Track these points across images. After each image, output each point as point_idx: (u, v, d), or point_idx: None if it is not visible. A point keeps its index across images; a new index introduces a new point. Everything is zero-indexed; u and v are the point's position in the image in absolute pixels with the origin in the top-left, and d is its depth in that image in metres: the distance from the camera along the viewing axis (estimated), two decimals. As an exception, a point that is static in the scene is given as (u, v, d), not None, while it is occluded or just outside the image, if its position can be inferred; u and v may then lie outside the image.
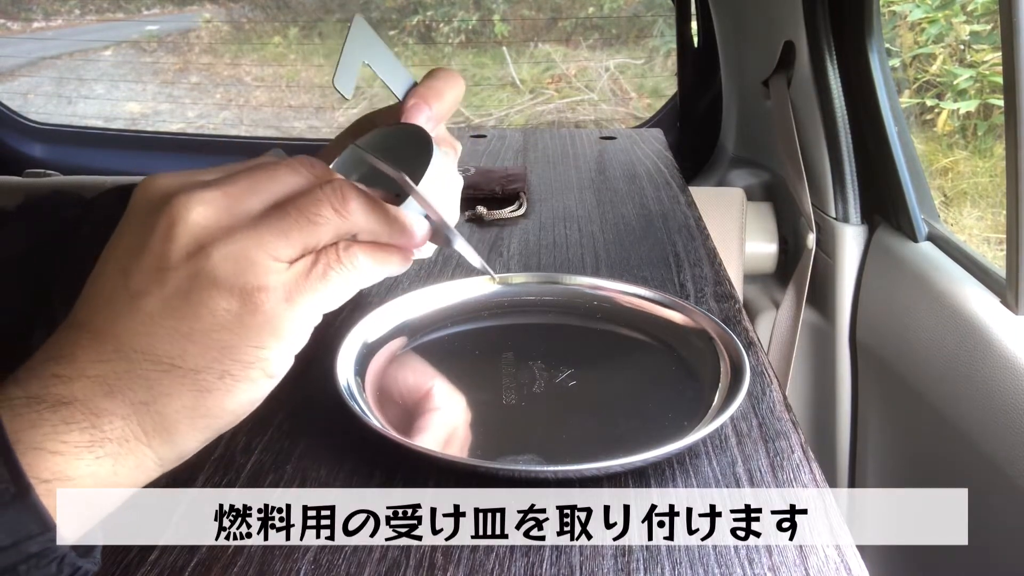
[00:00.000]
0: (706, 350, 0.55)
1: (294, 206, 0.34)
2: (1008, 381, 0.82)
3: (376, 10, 3.79)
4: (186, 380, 0.32)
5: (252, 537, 0.40)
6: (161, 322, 0.32)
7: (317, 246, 0.34)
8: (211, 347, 0.32)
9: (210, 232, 0.32)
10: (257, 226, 0.33)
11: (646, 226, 0.84)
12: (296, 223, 0.33)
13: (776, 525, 0.40)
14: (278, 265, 0.33)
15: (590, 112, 3.48)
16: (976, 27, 2.17)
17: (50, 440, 0.30)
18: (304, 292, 0.33)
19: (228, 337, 0.32)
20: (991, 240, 1.96)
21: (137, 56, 4.09)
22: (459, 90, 0.45)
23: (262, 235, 0.33)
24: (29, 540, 0.29)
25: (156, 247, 0.32)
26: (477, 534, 0.40)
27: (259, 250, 0.32)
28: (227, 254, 0.32)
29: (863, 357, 1.20)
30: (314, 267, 0.34)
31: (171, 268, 0.32)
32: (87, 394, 0.31)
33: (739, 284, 1.41)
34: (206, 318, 0.32)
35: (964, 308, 0.92)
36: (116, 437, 0.31)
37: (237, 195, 0.33)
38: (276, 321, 0.33)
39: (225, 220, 0.33)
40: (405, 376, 0.53)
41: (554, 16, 3.73)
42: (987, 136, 2.14)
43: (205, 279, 0.32)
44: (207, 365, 0.32)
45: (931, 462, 1.01)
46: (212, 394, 0.32)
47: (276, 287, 0.32)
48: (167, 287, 0.32)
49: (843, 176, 1.22)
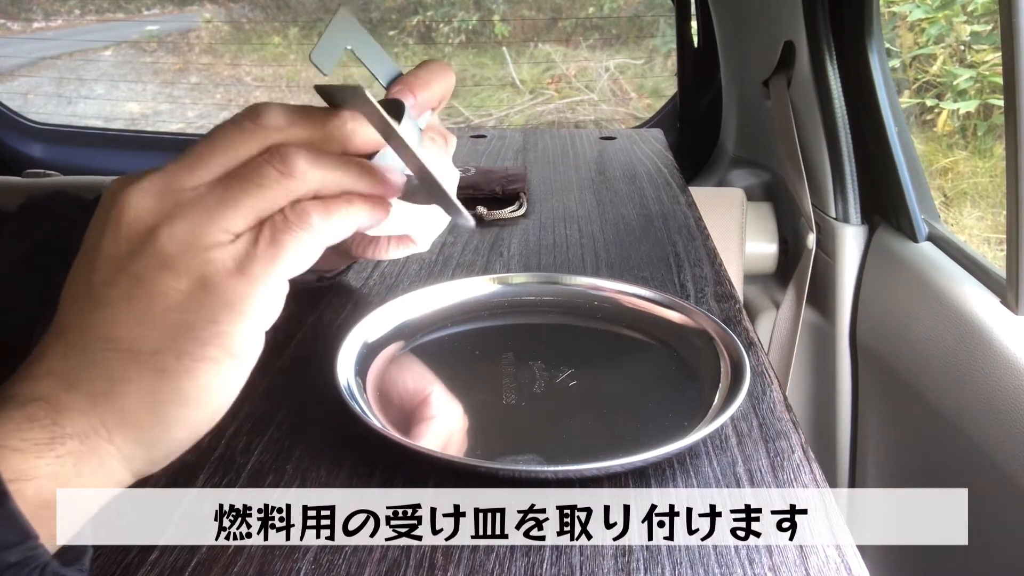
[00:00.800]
0: (706, 350, 0.55)
1: (237, 175, 0.32)
2: (1008, 381, 0.82)
3: (376, 10, 3.79)
4: (144, 364, 0.31)
5: (252, 537, 0.40)
6: (117, 308, 0.31)
7: (271, 212, 0.33)
8: (167, 327, 0.31)
9: (155, 215, 0.32)
10: (200, 200, 0.32)
11: (646, 226, 0.84)
12: (242, 191, 0.32)
13: (776, 525, 0.40)
14: (226, 237, 0.32)
15: (590, 112, 3.48)
16: (976, 27, 2.17)
17: (11, 438, 0.29)
18: (256, 261, 0.32)
19: (183, 316, 0.31)
20: (991, 240, 1.96)
21: (137, 56, 4.09)
22: (448, 81, 0.43)
23: (207, 208, 0.32)
24: (8, 549, 0.28)
25: (107, 240, 0.32)
26: (477, 534, 0.40)
27: (204, 224, 0.31)
28: (172, 233, 0.31)
29: (863, 357, 1.20)
30: (261, 233, 0.32)
31: (122, 258, 0.32)
32: (50, 390, 0.31)
33: (739, 284, 1.41)
34: (159, 299, 0.31)
35: (964, 308, 0.92)
36: (76, 433, 0.31)
37: (180, 173, 0.32)
38: (230, 295, 0.31)
39: (168, 200, 0.32)
40: (405, 376, 0.53)
41: (554, 16, 3.73)
42: (987, 136, 2.14)
43: (154, 261, 0.31)
44: (164, 346, 0.31)
45: (931, 462, 1.01)
46: (171, 375, 0.31)
47: (225, 259, 0.31)
48: (121, 275, 0.31)
49: (843, 176, 1.22)
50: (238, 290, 0.31)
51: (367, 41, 0.43)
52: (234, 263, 0.32)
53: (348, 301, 0.65)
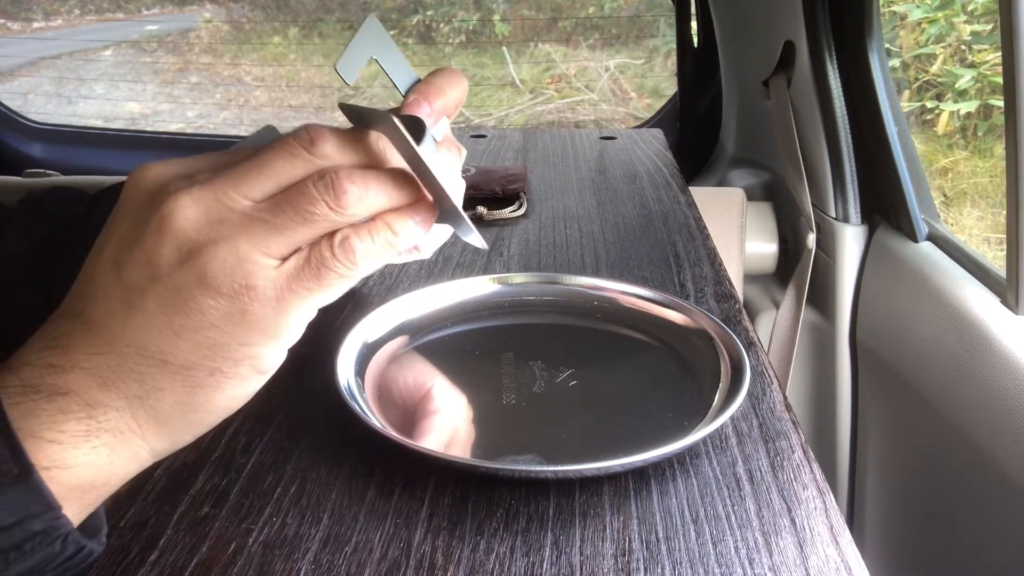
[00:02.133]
0: (706, 350, 0.55)
1: (287, 202, 0.32)
2: (1008, 381, 0.82)
3: (376, 10, 3.79)
4: (177, 376, 0.32)
5: (252, 537, 0.40)
6: (152, 318, 0.32)
7: (312, 240, 0.33)
8: (201, 344, 0.32)
9: (200, 230, 0.32)
10: (248, 223, 0.32)
11: (646, 226, 0.84)
12: (289, 219, 0.32)
13: (776, 525, 0.40)
14: (268, 262, 0.32)
15: (590, 112, 3.48)
16: (976, 27, 2.17)
17: (47, 429, 0.31)
18: (296, 291, 0.32)
19: (217, 335, 0.32)
20: (991, 240, 1.96)
21: (137, 56, 4.09)
22: (461, 89, 0.44)
23: (253, 232, 0.32)
24: (33, 519, 0.29)
25: (148, 243, 0.32)
26: (477, 534, 0.40)
27: (249, 248, 0.32)
28: (216, 253, 0.31)
29: (863, 357, 1.20)
30: (307, 265, 0.33)
31: (162, 266, 0.32)
32: (81, 385, 0.32)
33: (739, 284, 1.41)
34: (196, 316, 0.31)
35: (964, 308, 0.92)
36: (111, 428, 0.32)
37: (229, 190, 0.32)
38: (266, 320, 0.32)
39: (215, 217, 0.32)
40: (405, 376, 0.53)
41: (554, 16, 3.73)
42: (987, 136, 2.14)
43: (195, 278, 0.31)
44: (197, 362, 0.32)
45: (931, 462, 1.01)
46: (203, 390, 0.33)
47: (266, 286, 0.32)
48: (158, 284, 0.31)
49: (843, 176, 1.22)
50: (273, 316, 0.32)
51: (391, 48, 0.44)
52: (274, 291, 0.32)
53: (348, 301, 0.65)
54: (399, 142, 0.36)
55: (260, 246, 0.32)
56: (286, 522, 0.41)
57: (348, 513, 0.41)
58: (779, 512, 0.41)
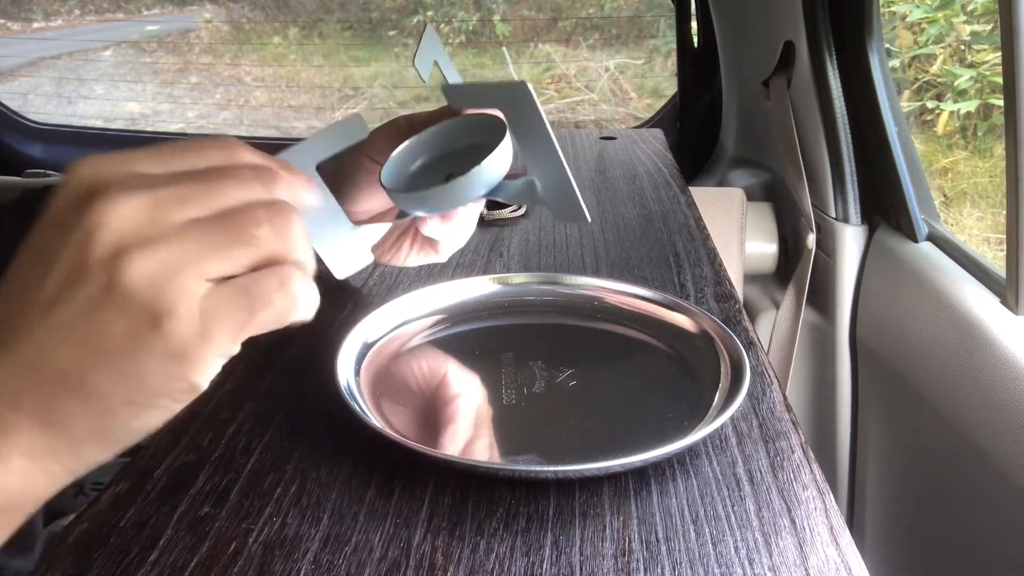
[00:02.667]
0: (706, 350, 0.55)
1: (231, 220, 0.30)
2: (1008, 381, 0.82)
3: (376, 10, 3.79)
4: (91, 402, 0.30)
5: (252, 537, 0.40)
6: (69, 336, 0.29)
7: (247, 268, 0.30)
8: (117, 370, 0.29)
9: (131, 240, 0.28)
10: (184, 238, 0.29)
11: (646, 226, 0.84)
12: (229, 239, 0.29)
13: (776, 525, 0.40)
14: (198, 286, 0.29)
15: (590, 112, 3.48)
16: (976, 27, 2.17)
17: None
18: (223, 323, 0.29)
19: (133, 364, 0.29)
20: (991, 240, 1.96)
21: (137, 56, 4.09)
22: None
23: (187, 249, 0.29)
24: None
25: (72, 252, 0.29)
26: (477, 534, 0.40)
27: (182, 266, 0.29)
28: (144, 269, 0.28)
29: (863, 357, 1.20)
30: (241, 297, 0.30)
31: (84, 278, 0.28)
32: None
33: (739, 284, 1.41)
34: (114, 337, 0.29)
35: (964, 308, 0.92)
36: (23, 452, 0.30)
37: (169, 202, 0.29)
38: (186, 351, 0.29)
39: (149, 228, 0.29)
40: (405, 376, 0.53)
41: (554, 16, 3.73)
42: (987, 136, 2.14)
43: (117, 293, 0.28)
44: (111, 390, 0.30)
45: (931, 462, 1.01)
46: (118, 418, 0.30)
47: (191, 314, 0.29)
48: (79, 298, 0.29)
49: (843, 176, 1.22)
50: (195, 347, 0.29)
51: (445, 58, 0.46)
52: (200, 319, 0.29)
53: (348, 301, 0.65)
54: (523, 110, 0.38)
55: (191, 264, 0.29)
56: (286, 522, 0.41)
57: (348, 513, 0.41)
58: (779, 512, 0.41)
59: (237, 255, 0.30)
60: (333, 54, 3.80)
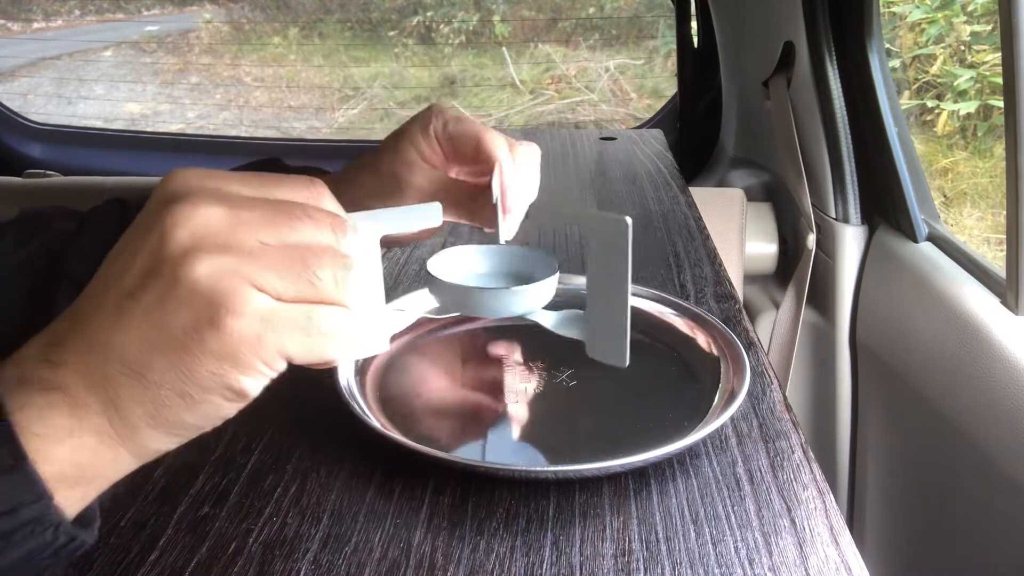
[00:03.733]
0: (706, 350, 0.55)
1: (301, 257, 0.32)
2: (1008, 381, 0.82)
3: (376, 10, 3.79)
4: (148, 391, 0.32)
5: (252, 537, 0.40)
6: (137, 326, 0.31)
7: (302, 298, 0.32)
8: (175, 365, 0.31)
9: (203, 244, 0.31)
10: (252, 255, 0.31)
11: (646, 226, 0.84)
12: (295, 272, 0.32)
13: (776, 525, 0.40)
14: (259, 295, 0.31)
15: (590, 113, 3.48)
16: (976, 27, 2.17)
17: (35, 422, 0.31)
18: (277, 333, 0.32)
19: (188, 356, 0.31)
20: (991, 240, 1.96)
21: (137, 56, 4.09)
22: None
23: (253, 263, 0.31)
24: (25, 507, 0.30)
25: (150, 247, 0.31)
26: (477, 534, 0.40)
27: (246, 275, 0.31)
28: (211, 269, 0.30)
29: (863, 357, 1.20)
30: (301, 317, 0.32)
31: (158, 271, 0.31)
32: (69, 382, 0.32)
33: (739, 284, 1.41)
34: (176, 330, 0.31)
35: (964, 308, 0.92)
36: (92, 429, 0.32)
37: (246, 222, 0.32)
38: (238, 353, 0.31)
39: (222, 238, 0.31)
40: (405, 376, 0.53)
41: (554, 16, 3.73)
42: (987, 136, 2.14)
43: (184, 287, 0.30)
44: (167, 381, 0.31)
45: (931, 462, 1.01)
46: (171, 409, 0.32)
47: (250, 317, 0.31)
48: (151, 290, 0.31)
49: (843, 176, 1.22)
50: (247, 355, 0.31)
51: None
52: (257, 325, 0.31)
53: (348, 301, 0.65)
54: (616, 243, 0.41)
55: (255, 275, 0.31)
56: (286, 522, 0.41)
57: (348, 513, 0.41)
58: (779, 512, 0.41)
59: (297, 286, 0.32)
60: (333, 54, 3.80)
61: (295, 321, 0.32)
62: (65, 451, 0.31)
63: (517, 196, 0.50)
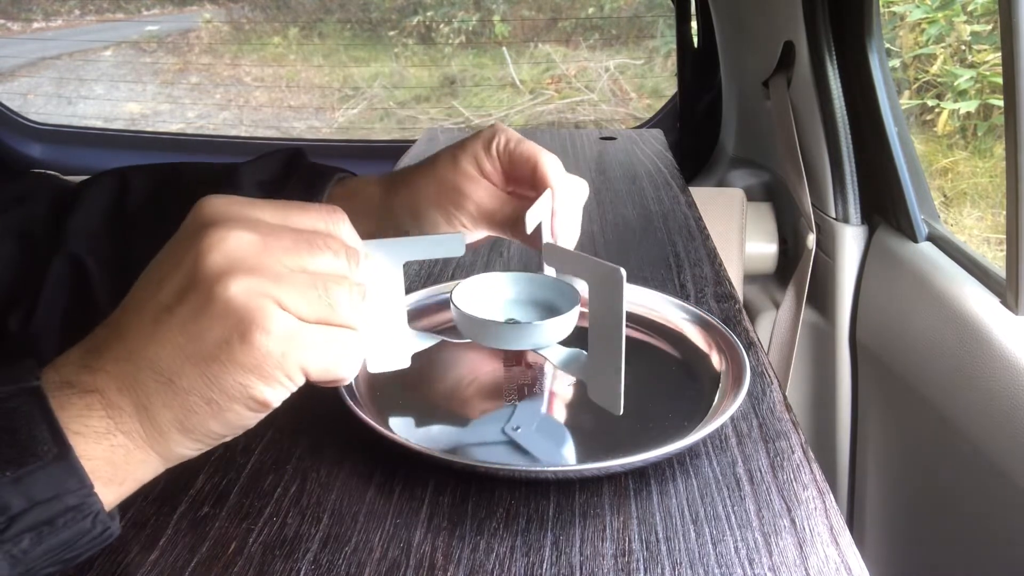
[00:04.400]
0: (706, 350, 0.55)
1: (321, 280, 0.36)
2: (1008, 381, 0.82)
3: (376, 10, 3.79)
4: (178, 397, 0.34)
5: (252, 537, 0.40)
6: (172, 337, 0.34)
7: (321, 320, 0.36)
8: (204, 373, 0.34)
9: (236, 265, 0.34)
10: (280, 278, 0.35)
11: (646, 226, 0.84)
12: (315, 294, 0.35)
13: (776, 525, 0.40)
14: (286, 315, 0.35)
15: (590, 112, 3.48)
16: (976, 27, 2.17)
17: (74, 421, 0.33)
18: (300, 350, 0.35)
19: (217, 367, 0.34)
20: (991, 240, 1.96)
21: (137, 56, 4.09)
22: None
23: (281, 285, 0.35)
24: (68, 494, 0.32)
25: (187, 266, 0.34)
26: (477, 534, 0.40)
27: (275, 295, 0.34)
28: (244, 287, 0.34)
29: (863, 357, 1.20)
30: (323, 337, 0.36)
31: (194, 288, 0.34)
32: (104, 386, 0.34)
33: (739, 284, 1.41)
34: (208, 342, 0.34)
35: (964, 308, 0.92)
36: (126, 430, 0.34)
37: (275, 248, 0.35)
38: (263, 366, 0.34)
39: (253, 261, 0.34)
40: (405, 376, 0.53)
41: (554, 16, 3.73)
42: (987, 136, 2.14)
43: (217, 303, 0.34)
44: (196, 388, 0.34)
45: (931, 462, 1.01)
46: (198, 415, 0.35)
47: (277, 333, 0.34)
48: (186, 305, 0.34)
49: (843, 176, 1.22)
50: (272, 369, 0.35)
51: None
52: (283, 342, 0.34)
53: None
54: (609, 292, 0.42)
55: (283, 296, 0.34)
56: (286, 522, 0.41)
57: (348, 513, 0.41)
58: (779, 512, 0.41)
59: (317, 308, 0.36)
60: (333, 54, 3.79)
61: (314, 340, 0.35)
62: (102, 450, 0.34)
63: (564, 223, 0.53)
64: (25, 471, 0.31)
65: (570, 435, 0.48)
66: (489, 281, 0.51)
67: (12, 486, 0.31)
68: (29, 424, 0.32)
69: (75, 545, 0.33)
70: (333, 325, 0.36)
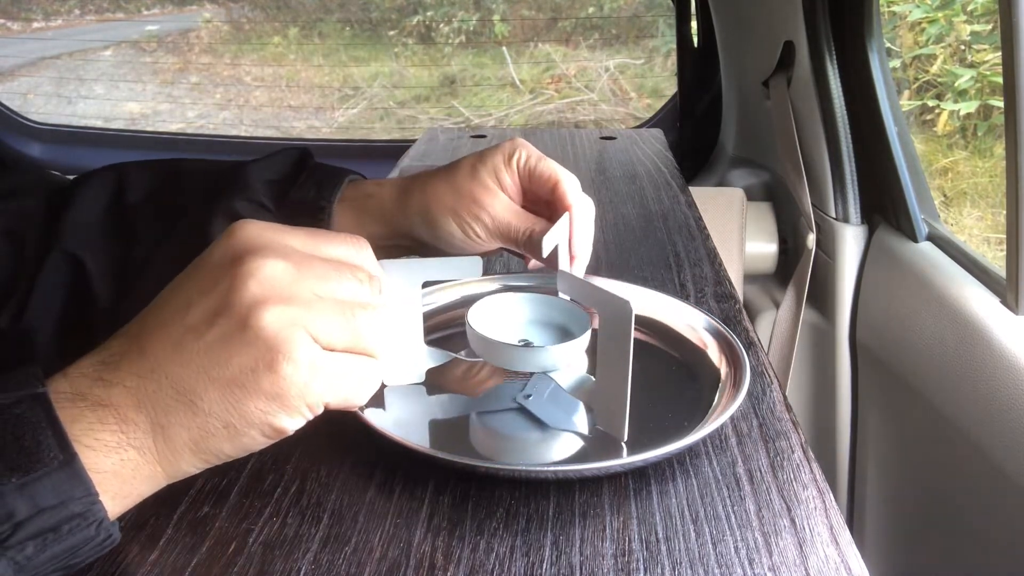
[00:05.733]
0: (706, 350, 0.55)
1: (348, 307, 0.37)
2: (1008, 381, 0.82)
3: (376, 10, 3.79)
4: (196, 419, 0.35)
5: (252, 537, 0.40)
6: (197, 359, 0.35)
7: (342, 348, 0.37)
8: (226, 398, 0.35)
9: (271, 295, 0.35)
10: (311, 307, 0.36)
11: (646, 226, 0.84)
12: (343, 321, 0.37)
13: (776, 525, 0.40)
14: (313, 345, 0.35)
15: (590, 112, 3.48)
16: (976, 27, 2.17)
17: (85, 434, 0.34)
18: (325, 380, 0.36)
19: (241, 393, 0.35)
20: (991, 240, 1.96)
21: (137, 56, 4.09)
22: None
23: (312, 315, 0.36)
24: (73, 501, 0.32)
25: (222, 292, 0.35)
26: (477, 534, 0.40)
27: (305, 325, 0.35)
28: (277, 316, 0.35)
29: (863, 357, 1.20)
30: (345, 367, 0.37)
31: (226, 314, 0.35)
32: (120, 401, 0.35)
33: (739, 284, 1.41)
34: (235, 368, 0.34)
35: (964, 308, 0.92)
36: (137, 446, 0.35)
37: (307, 277, 0.36)
38: (286, 395, 0.35)
39: (286, 290, 0.35)
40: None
41: (554, 16, 3.73)
42: (987, 136, 2.14)
43: (249, 332, 0.34)
44: (216, 411, 0.35)
45: (931, 462, 1.01)
46: (214, 437, 0.36)
47: (304, 364, 0.35)
48: (216, 329, 0.35)
49: (843, 176, 1.22)
50: (294, 398, 0.35)
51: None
52: (308, 371, 0.35)
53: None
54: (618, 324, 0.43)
55: (312, 326, 0.35)
56: (286, 522, 0.41)
57: (348, 513, 0.41)
58: (779, 512, 0.41)
59: (344, 334, 0.37)
60: (333, 54, 3.79)
61: (337, 371, 0.37)
62: (111, 464, 0.34)
63: (580, 246, 0.54)
64: (31, 477, 0.32)
65: (570, 434, 0.48)
66: (504, 302, 0.52)
67: (18, 492, 0.31)
68: (35, 431, 0.32)
69: (78, 552, 0.33)
70: (356, 353, 0.37)
